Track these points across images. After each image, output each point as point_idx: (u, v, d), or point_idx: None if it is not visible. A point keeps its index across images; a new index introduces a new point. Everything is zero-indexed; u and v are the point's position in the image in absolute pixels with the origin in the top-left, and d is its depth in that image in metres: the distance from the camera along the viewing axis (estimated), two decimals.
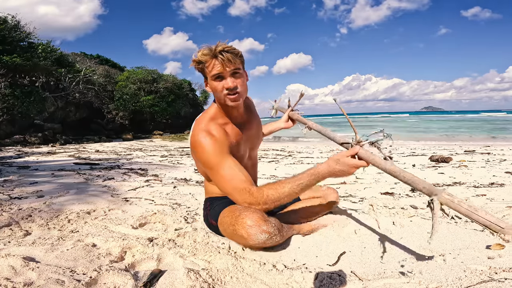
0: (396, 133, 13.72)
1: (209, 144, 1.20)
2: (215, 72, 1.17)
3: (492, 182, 2.38)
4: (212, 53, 1.15)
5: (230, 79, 1.17)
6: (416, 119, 33.80)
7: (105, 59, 19.52)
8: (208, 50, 1.16)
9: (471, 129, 14.29)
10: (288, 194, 1.11)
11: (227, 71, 1.17)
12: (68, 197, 2.16)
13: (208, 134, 1.22)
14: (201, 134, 1.23)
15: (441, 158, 3.84)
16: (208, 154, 1.20)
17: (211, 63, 1.17)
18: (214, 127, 1.25)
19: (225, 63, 1.15)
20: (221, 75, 1.17)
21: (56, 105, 11.49)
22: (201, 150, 1.21)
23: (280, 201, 1.12)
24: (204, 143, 1.21)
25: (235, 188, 1.16)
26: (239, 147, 1.31)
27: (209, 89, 1.27)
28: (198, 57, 1.18)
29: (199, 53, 1.17)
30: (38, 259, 1.11)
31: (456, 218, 1.52)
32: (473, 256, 1.07)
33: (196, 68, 1.23)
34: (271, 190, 1.13)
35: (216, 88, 1.20)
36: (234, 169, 1.17)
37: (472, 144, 7.40)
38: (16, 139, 8.84)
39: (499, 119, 25.65)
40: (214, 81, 1.19)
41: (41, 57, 10.04)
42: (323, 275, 0.97)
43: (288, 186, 1.11)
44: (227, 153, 1.20)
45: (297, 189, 1.11)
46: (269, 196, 1.12)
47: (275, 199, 1.12)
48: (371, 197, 2.05)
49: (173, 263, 1.09)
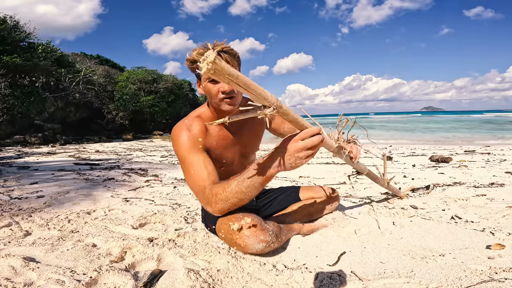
0: (396, 133, 13.73)
1: (183, 137, 1.18)
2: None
3: (492, 182, 2.38)
4: None
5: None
6: (415, 119, 33.70)
7: (105, 59, 19.52)
8: (204, 49, 1.09)
9: (477, 130, 13.99)
10: (235, 192, 1.03)
11: None
12: (68, 197, 2.16)
13: (186, 128, 1.20)
14: (180, 127, 1.21)
15: (441, 158, 3.84)
16: (179, 147, 1.18)
17: None
18: (196, 123, 1.22)
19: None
20: None
21: (56, 105, 11.49)
22: (175, 142, 1.20)
23: (229, 200, 1.05)
24: (179, 135, 1.19)
25: (193, 185, 1.13)
26: (224, 150, 1.27)
27: (201, 91, 1.22)
28: (193, 56, 1.11)
29: (194, 52, 1.11)
30: (38, 259, 1.11)
31: (456, 218, 1.52)
32: (473, 256, 1.07)
33: (190, 68, 1.16)
34: (219, 188, 1.07)
35: (211, 91, 1.16)
36: (200, 166, 1.13)
37: (473, 143, 7.41)
38: (16, 139, 8.85)
39: (501, 120, 25.06)
40: (209, 83, 1.15)
41: (41, 57, 10.03)
42: (323, 275, 0.97)
43: (234, 183, 1.03)
44: (199, 150, 1.17)
45: (242, 186, 1.02)
46: (217, 195, 1.06)
47: (223, 198, 1.05)
48: (371, 197, 2.05)
49: (173, 263, 1.09)
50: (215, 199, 1.07)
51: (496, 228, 1.33)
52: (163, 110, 16.27)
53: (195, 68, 1.14)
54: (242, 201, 1.05)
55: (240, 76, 0.63)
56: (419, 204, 1.81)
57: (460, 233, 1.29)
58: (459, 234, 1.29)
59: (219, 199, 1.06)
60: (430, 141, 9.17)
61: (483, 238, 1.23)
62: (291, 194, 1.52)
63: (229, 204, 1.06)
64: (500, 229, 1.31)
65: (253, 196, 1.05)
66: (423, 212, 1.63)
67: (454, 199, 1.88)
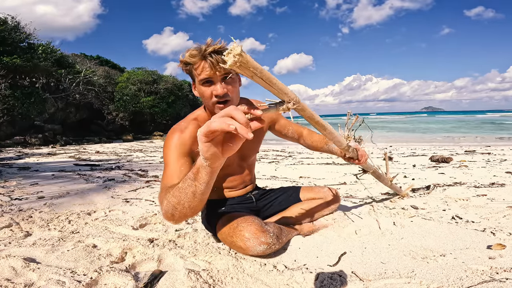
0: (396, 133, 13.72)
1: (172, 139, 1.13)
2: (203, 76, 1.05)
3: (493, 182, 2.38)
4: (201, 54, 1.03)
5: (220, 84, 1.06)
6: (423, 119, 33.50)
7: (105, 60, 19.54)
8: (196, 50, 1.04)
9: (491, 131, 12.98)
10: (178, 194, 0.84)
11: (217, 76, 1.05)
12: (68, 198, 2.16)
13: (179, 131, 1.15)
14: (174, 129, 1.17)
15: (441, 158, 3.83)
16: (165, 148, 1.14)
17: (199, 66, 1.05)
18: (191, 127, 1.16)
19: (215, 66, 1.02)
20: (210, 79, 1.06)
21: (56, 106, 11.49)
22: (164, 144, 1.17)
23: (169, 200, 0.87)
24: (169, 137, 1.15)
25: (161, 184, 1.05)
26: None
27: (196, 93, 1.17)
28: (186, 58, 1.06)
29: (187, 54, 1.06)
30: (38, 260, 1.11)
31: (456, 218, 1.52)
32: (474, 256, 1.07)
33: (184, 70, 1.12)
34: (168, 194, 0.90)
35: (204, 93, 1.10)
36: (175, 169, 1.05)
37: (473, 144, 7.40)
38: (16, 140, 8.85)
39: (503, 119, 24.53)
40: (202, 85, 1.09)
41: (41, 58, 10.04)
42: (324, 276, 0.97)
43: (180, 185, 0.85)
44: (182, 154, 1.10)
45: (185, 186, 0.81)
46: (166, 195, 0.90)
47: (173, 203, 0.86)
48: (372, 198, 2.05)
49: (174, 264, 1.09)
50: (164, 197, 0.91)
51: (497, 228, 1.33)
52: (163, 111, 16.28)
53: (189, 70, 1.10)
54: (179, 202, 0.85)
55: (263, 71, 0.62)
56: (420, 204, 1.81)
57: (461, 233, 1.29)
58: (460, 234, 1.29)
59: (166, 198, 0.90)
60: (431, 141, 9.16)
61: (484, 238, 1.22)
62: (292, 194, 1.52)
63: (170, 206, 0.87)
64: (501, 229, 1.31)
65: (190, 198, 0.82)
66: (423, 212, 1.63)
67: (455, 199, 1.88)
